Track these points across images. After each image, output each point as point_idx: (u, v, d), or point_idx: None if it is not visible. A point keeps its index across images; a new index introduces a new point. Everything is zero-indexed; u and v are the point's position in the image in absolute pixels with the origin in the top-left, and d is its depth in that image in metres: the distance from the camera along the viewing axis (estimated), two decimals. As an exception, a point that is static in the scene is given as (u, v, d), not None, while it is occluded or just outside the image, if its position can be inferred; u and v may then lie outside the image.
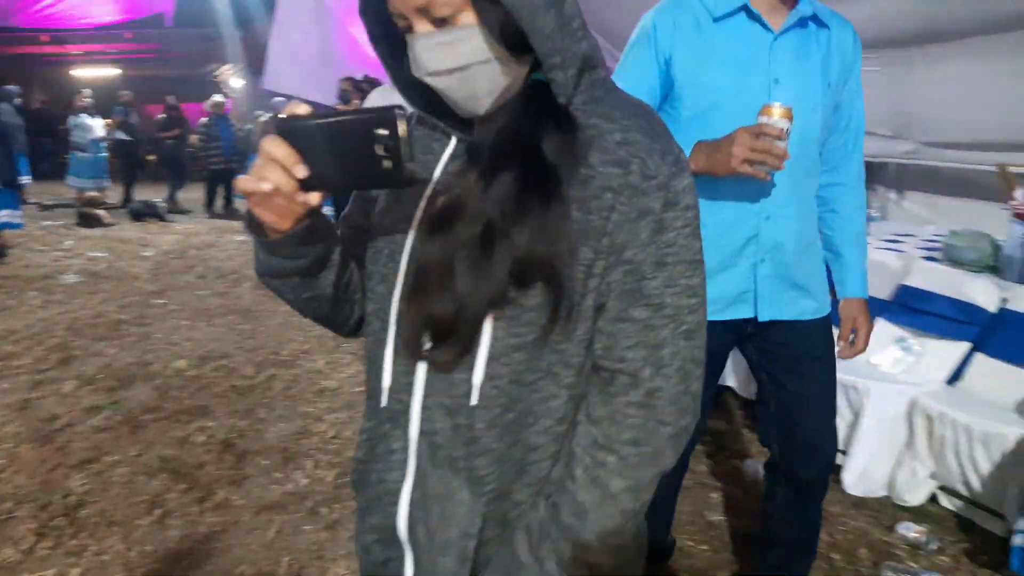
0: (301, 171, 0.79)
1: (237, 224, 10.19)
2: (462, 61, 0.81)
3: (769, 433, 2.03)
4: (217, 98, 11.31)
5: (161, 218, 10.22)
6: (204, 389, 4.00)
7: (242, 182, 0.81)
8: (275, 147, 0.79)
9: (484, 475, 0.89)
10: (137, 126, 12.08)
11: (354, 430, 3.51)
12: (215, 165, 10.89)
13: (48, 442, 3.31)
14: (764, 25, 1.69)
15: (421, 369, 0.89)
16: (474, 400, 0.86)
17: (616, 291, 0.85)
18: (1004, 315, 3.00)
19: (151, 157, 12.50)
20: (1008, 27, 3.43)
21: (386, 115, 0.76)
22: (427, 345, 0.86)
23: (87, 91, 11.17)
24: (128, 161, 11.59)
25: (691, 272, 0.86)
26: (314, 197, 0.82)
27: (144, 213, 10.12)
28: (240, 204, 10.68)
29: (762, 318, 1.82)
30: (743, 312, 1.83)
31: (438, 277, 0.84)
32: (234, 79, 19.41)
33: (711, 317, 1.66)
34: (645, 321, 0.85)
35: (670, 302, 0.84)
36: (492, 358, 0.85)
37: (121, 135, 11.27)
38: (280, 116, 0.80)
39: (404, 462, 0.93)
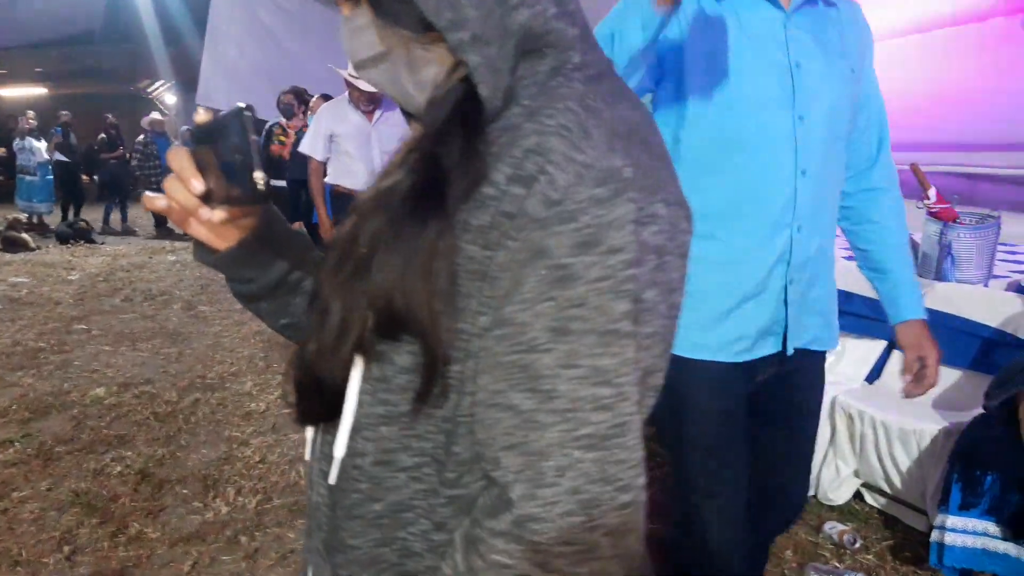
0: (197, 185, 0.70)
1: (170, 244, 9.96)
2: (370, 51, 0.69)
3: None
4: (155, 115, 11.10)
5: (89, 240, 9.92)
6: (123, 417, 3.85)
7: (144, 199, 0.74)
8: (175, 159, 0.71)
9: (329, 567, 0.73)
10: (76, 147, 11.78)
11: (280, 453, 3.42)
12: (155, 185, 10.61)
13: (-48, 480, 3.15)
14: (773, 2, 1.42)
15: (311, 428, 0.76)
16: (332, 479, 0.70)
17: (490, 361, 0.60)
18: (918, 312, 3.06)
19: (86, 178, 12.16)
20: (920, 29, 3.51)
21: (231, 117, 0.70)
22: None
23: (31, 113, 10.97)
24: (68, 183, 11.27)
25: (603, 348, 0.57)
26: (215, 214, 0.71)
27: (71, 236, 9.81)
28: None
29: (789, 350, 1.51)
30: (770, 347, 1.50)
31: (316, 316, 0.69)
32: (168, 95, 19.06)
33: (732, 358, 1.48)
34: (527, 415, 0.58)
35: (564, 391, 0.57)
36: (356, 429, 0.68)
37: (60, 156, 10.95)
38: (197, 125, 0.73)
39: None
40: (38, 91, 17.73)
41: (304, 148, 4.87)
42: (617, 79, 0.68)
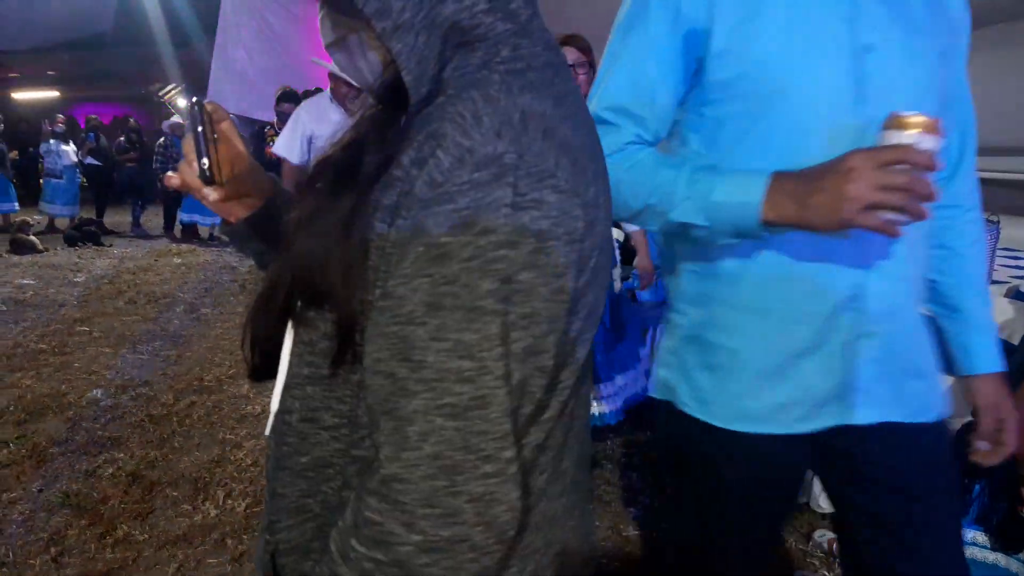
0: (193, 167, 0.83)
1: (176, 247, 10.01)
2: (328, 38, 0.76)
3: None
4: (175, 118, 11.15)
5: (97, 242, 9.98)
6: (119, 419, 3.86)
7: (166, 177, 0.87)
8: (185, 144, 0.83)
9: (274, 522, 0.79)
10: (107, 150, 11.89)
11: (272, 456, 3.43)
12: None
13: (-55, 481, 3.16)
14: None
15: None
16: (267, 430, 0.80)
17: (375, 331, 0.64)
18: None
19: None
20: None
21: (188, 110, 0.81)
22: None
23: (61, 116, 11.17)
24: (100, 186, 11.38)
25: (467, 324, 0.60)
26: (211, 192, 0.85)
27: (79, 238, 9.87)
28: (203, 229, 10.56)
29: (863, 420, 1.17)
30: (833, 418, 1.17)
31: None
32: (179, 98, 19.17)
33: (784, 429, 1.18)
34: (401, 382, 0.62)
35: (432, 362, 0.60)
36: (287, 387, 0.76)
37: (92, 160, 11.05)
38: (199, 101, 0.83)
39: None
40: (50, 94, 17.87)
41: (278, 150, 4.31)
42: (547, 72, 0.69)
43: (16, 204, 10.73)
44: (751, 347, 1.18)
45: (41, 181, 11.06)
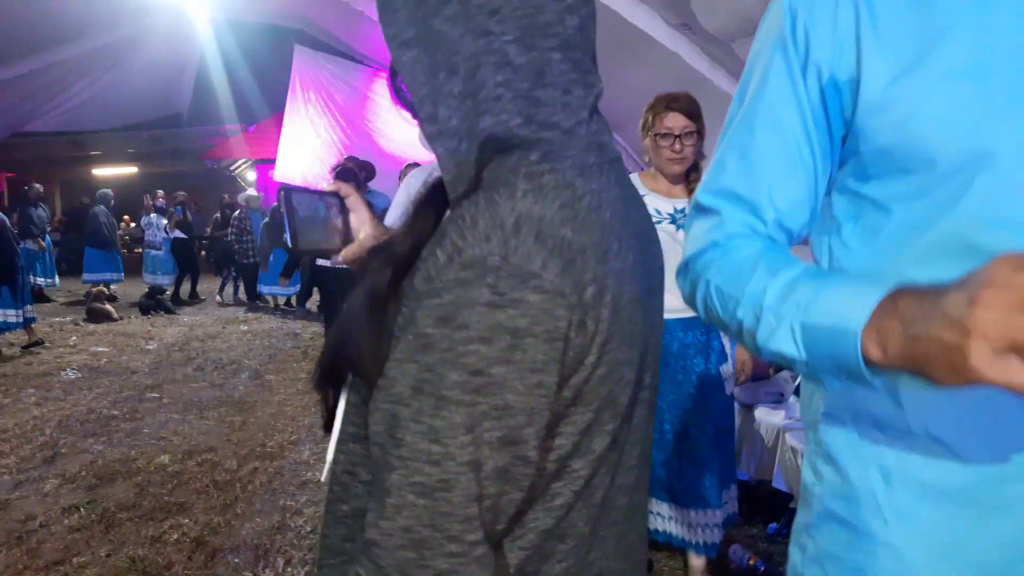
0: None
1: (243, 315, 10.30)
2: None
3: None
4: (251, 192, 11.62)
5: (169, 311, 10.34)
6: (184, 484, 3.95)
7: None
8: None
9: (322, 559, 0.84)
10: (194, 224, 12.51)
11: (332, 523, 3.44)
12: (250, 257, 11.00)
13: (20, 543, 3.26)
14: None
15: None
16: (323, 478, 0.86)
17: (375, 406, 0.70)
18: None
19: (202, 253, 12.87)
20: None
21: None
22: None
23: (161, 192, 11.89)
24: (185, 258, 11.93)
25: (437, 410, 0.64)
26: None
27: (152, 307, 10.25)
28: (269, 298, 10.86)
29: None
30: None
31: None
32: (248, 172, 19.95)
33: None
34: (385, 456, 0.68)
35: (409, 441, 0.65)
36: (339, 441, 0.82)
37: (178, 233, 11.68)
38: (284, 185, 0.93)
39: None
40: (129, 170, 18.81)
41: (391, 216, 4.15)
42: (569, 174, 0.72)
43: (123, 274, 11.62)
44: (926, 551, 0.83)
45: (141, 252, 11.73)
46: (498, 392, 0.64)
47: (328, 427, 0.86)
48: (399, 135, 9.08)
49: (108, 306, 9.63)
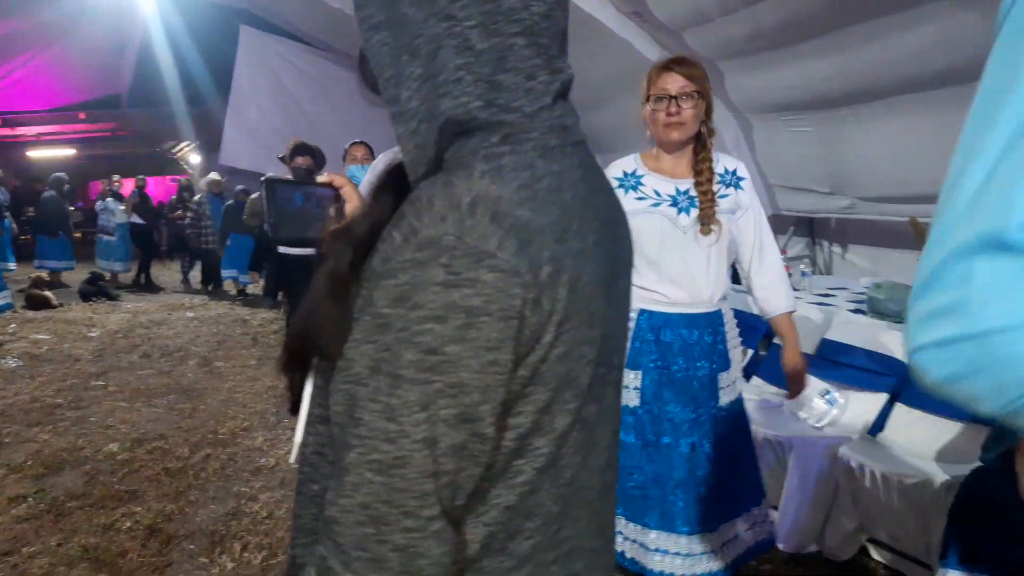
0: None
1: (189, 300, 10.12)
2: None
3: None
4: (214, 175, 11.33)
5: (111, 297, 10.11)
6: (135, 473, 3.90)
7: None
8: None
9: (295, 539, 0.86)
10: (152, 209, 12.15)
11: (288, 508, 3.44)
12: (205, 243, 10.76)
13: (-35, 536, 3.20)
14: None
15: None
16: (292, 458, 0.87)
17: (335, 387, 0.72)
18: (918, 365, 3.05)
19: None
20: (928, 86, 3.59)
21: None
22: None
23: (116, 176, 11.57)
24: (144, 243, 11.63)
25: (392, 389, 0.66)
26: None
27: (93, 293, 10.00)
28: (228, 284, 10.63)
29: None
30: None
31: None
32: (192, 155, 19.51)
33: None
34: (345, 435, 0.69)
35: (366, 420, 0.67)
36: (307, 423, 0.84)
37: (136, 218, 11.37)
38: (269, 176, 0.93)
39: None
40: (66, 152, 18.23)
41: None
42: (530, 156, 0.74)
43: (74, 263, 11.30)
44: None
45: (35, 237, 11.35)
46: (453, 370, 0.66)
47: (295, 410, 0.87)
48: (348, 119, 8.99)
49: (47, 292, 9.37)
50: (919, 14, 3.25)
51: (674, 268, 2.32)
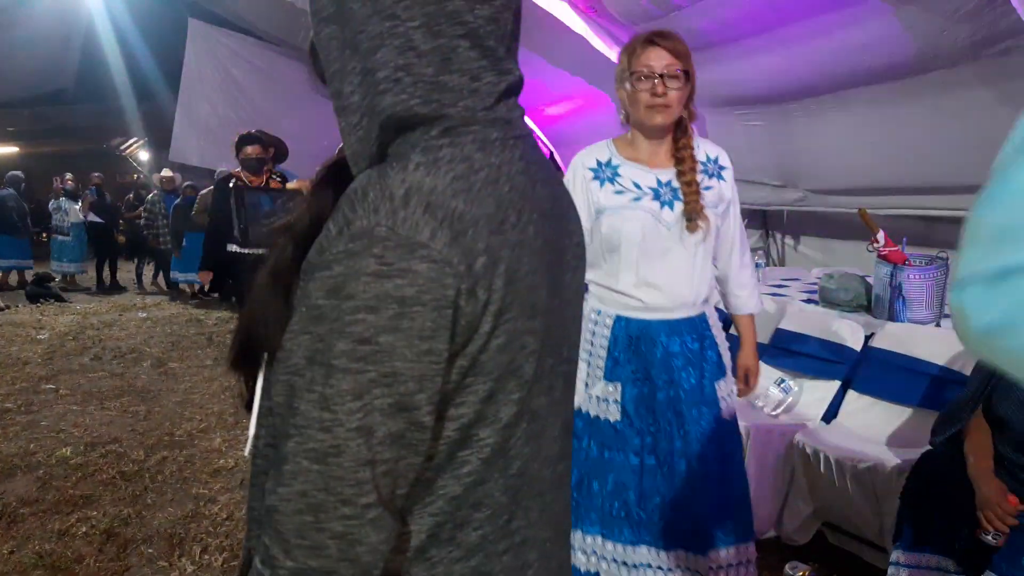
0: None
1: (141, 301, 9.93)
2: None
3: None
4: (166, 172, 11.03)
5: (59, 298, 9.86)
6: (89, 477, 3.82)
7: None
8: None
9: (249, 531, 0.85)
10: (111, 207, 11.77)
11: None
12: (163, 243, 10.45)
13: (-88, 546, 3.10)
14: None
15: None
16: (246, 451, 0.90)
17: (275, 378, 0.74)
18: (868, 352, 3.14)
19: (121, 238, 12.13)
20: (875, 80, 3.68)
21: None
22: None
23: (69, 175, 11.24)
24: (103, 243, 11.29)
25: (326, 379, 0.67)
26: None
27: (40, 295, 9.74)
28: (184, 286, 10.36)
29: None
30: None
31: None
32: (141, 152, 19.11)
33: None
34: (283, 425, 0.71)
35: (303, 410, 0.68)
36: (260, 415, 0.84)
37: (94, 217, 11.05)
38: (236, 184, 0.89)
39: None
40: (9, 150, 17.70)
41: None
42: (468, 148, 0.75)
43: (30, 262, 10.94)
44: None
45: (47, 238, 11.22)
46: (386, 360, 0.66)
47: (249, 406, 0.87)
48: (300, 115, 8.87)
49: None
50: (865, 10, 3.32)
51: (655, 270, 2.11)
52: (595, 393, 2.21)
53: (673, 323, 2.14)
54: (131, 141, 18.69)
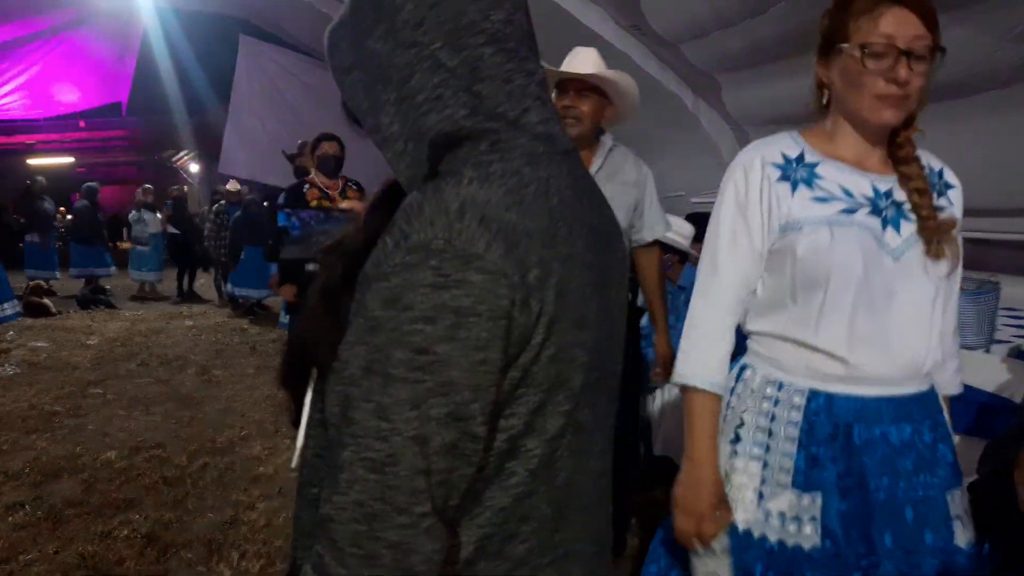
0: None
1: (187, 309, 10.12)
2: None
3: None
4: (233, 183, 11.13)
5: (110, 305, 10.11)
6: (133, 481, 3.90)
7: None
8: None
9: (296, 540, 0.88)
10: (188, 219, 12.13)
11: (285, 517, 3.44)
12: (223, 257, 10.44)
13: (-38, 543, 3.19)
14: None
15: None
16: (294, 462, 0.88)
17: (330, 388, 0.75)
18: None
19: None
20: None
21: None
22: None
23: (149, 187, 11.70)
24: (180, 254, 11.60)
25: (384, 388, 0.68)
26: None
27: (92, 301, 10.00)
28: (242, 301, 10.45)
29: None
30: None
31: None
32: (191, 164, 19.55)
33: None
34: (339, 435, 0.71)
35: (359, 419, 0.69)
36: (308, 426, 0.85)
37: (172, 229, 11.43)
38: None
39: None
40: (65, 160, 18.26)
41: None
42: (517, 163, 0.76)
43: (112, 269, 11.32)
44: None
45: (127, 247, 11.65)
46: (443, 369, 0.67)
47: (296, 422, 0.88)
48: (346, 130, 8.99)
49: (45, 300, 9.37)
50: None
51: (879, 320, 1.38)
52: (777, 508, 1.45)
53: (900, 402, 1.43)
54: (182, 153, 19.14)
